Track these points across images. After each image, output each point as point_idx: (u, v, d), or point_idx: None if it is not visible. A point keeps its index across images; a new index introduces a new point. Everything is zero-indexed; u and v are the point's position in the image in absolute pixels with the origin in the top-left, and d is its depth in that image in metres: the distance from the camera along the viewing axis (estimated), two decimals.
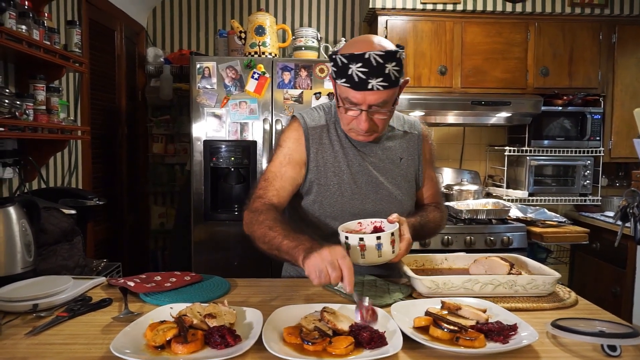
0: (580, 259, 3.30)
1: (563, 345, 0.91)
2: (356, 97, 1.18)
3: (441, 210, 1.45)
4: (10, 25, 1.51)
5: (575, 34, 3.05)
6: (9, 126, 1.54)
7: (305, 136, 1.33)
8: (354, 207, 1.32)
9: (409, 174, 1.40)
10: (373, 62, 1.13)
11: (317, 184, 1.33)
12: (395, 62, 1.16)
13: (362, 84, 1.15)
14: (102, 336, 0.93)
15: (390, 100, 1.21)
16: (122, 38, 2.93)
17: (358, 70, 1.14)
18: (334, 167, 1.33)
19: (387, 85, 1.16)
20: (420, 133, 1.44)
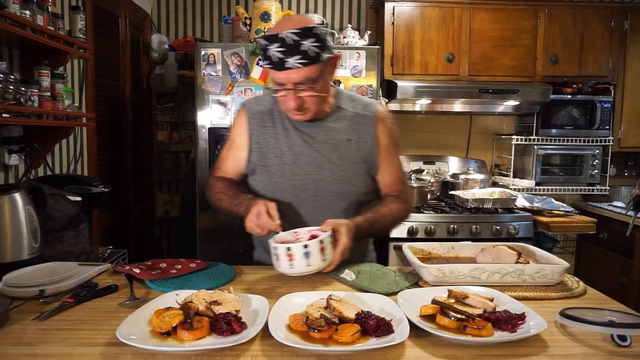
0: (587, 249, 3.28)
1: (572, 335, 0.90)
2: (280, 77, 1.21)
3: (402, 201, 1.42)
4: (14, 10, 1.50)
5: (587, 20, 2.99)
6: (14, 112, 1.53)
7: (248, 121, 1.40)
8: (295, 187, 1.34)
9: (358, 155, 1.37)
10: (288, 41, 1.15)
11: (259, 165, 1.37)
12: (313, 39, 1.16)
13: (281, 64, 1.17)
14: (108, 322, 0.93)
15: (314, 76, 1.21)
16: (126, 25, 2.91)
17: (276, 51, 1.16)
18: (275, 149, 1.36)
19: (307, 62, 1.17)
20: (374, 115, 1.39)
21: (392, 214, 1.37)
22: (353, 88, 2.57)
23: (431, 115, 3.40)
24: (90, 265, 1.27)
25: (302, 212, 1.35)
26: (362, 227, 1.27)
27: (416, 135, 3.43)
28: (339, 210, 1.35)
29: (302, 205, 1.35)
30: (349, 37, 2.78)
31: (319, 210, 1.34)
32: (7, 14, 1.45)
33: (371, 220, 1.31)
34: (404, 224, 2.57)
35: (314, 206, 1.35)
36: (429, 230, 2.57)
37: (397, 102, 3.04)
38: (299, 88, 1.22)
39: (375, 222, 1.32)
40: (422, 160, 3.32)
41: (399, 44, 2.94)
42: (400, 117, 3.37)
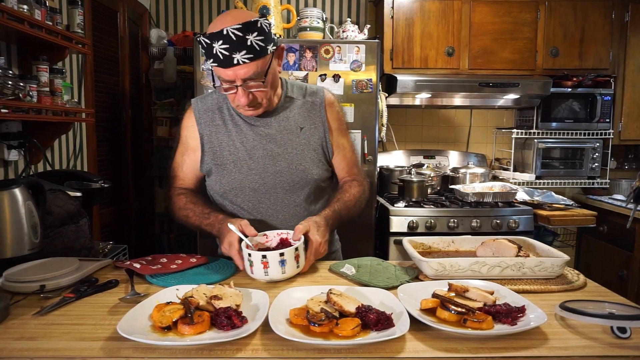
0: (587, 242, 3.28)
1: (572, 327, 0.90)
2: (227, 74, 1.19)
3: (359, 184, 1.44)
4: (11, 4, 1.49)
5: (587, 13, 2.98)
6: (12, 108, 1.53)
7: (197, 121, 1.38)
8: (253, 182, 1.34)
9: (312, 142, 1.37)
10: (232, 37, 1.14)
11: (214, 164, 1.36)
12: (256, 32, 1.16)
13: (228, 60, 1.16)
14: (108, 317, 0.93)
15: (262, 71, 1.20)
16: (125, 19, 2.89)
17: (221, 48, 1.15)
18: (229, 146, 1.35)
19: (253, 57, 1.17)
20: (322, 101, 1.40)
21: (355, 199, 1.39)
22: (353, 82, 2.56)
23: (431, 109, 3.39)
24: (91, 260, 1.28)
25: (264, 205, 1.35)
26: (332, 220, 1.30)
27: (416, 129, 3.43)
28: (300, 199, 1.36)
29: (262, 199, 1.35)
30: (349, 31, 2.77)
31: (280, 202, 1.35)
32: (4, 9, 1.44)
33: (337, 209, 1.33)
34: (404, 219, 2.57)
35: (275, 198, 1.35)
36: (429, 225, 2.57)
37: (397, 96, 3.03)
38: (249, 84, 1.21)
39: (342, 211, 1.34)
40: (422, 154, 3.32)
41: (399, 38, 2.93)
42: (400, 111, 3.37)
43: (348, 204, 1.37)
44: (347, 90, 2.57)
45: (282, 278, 1.14)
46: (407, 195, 2.74)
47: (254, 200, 1.35)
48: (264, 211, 1.36)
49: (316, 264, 1.31)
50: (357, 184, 1.43)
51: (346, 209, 1.36)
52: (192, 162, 1.41)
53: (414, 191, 2.74)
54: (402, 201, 2.71)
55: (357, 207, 1.41)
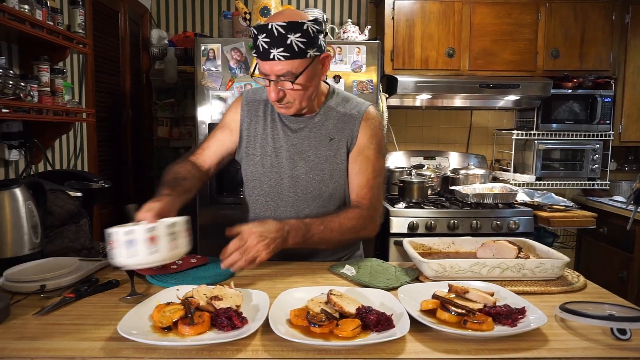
0: (587, 243, 3.28)
1: (572, 329, 0.90)
2: (264, 67, 1.21)
3: (360, 214, 1.30)
4: (12, 4, 1.49)
5: (587, 14, 2.98)
6: (13, 108, 1.53)
7: (242, 108, 1.41)
8: (271, 179, 1.35)
9: (338, 155, 1.34)
10: (275, 33, 1.16)
11: (245, 153, 1.39)
12: (300, 34, 1.16)
13: (265, 54, 1.18)
14: (109, 317, 0.93)
15: (297, 71, 1.20)
16: (125, 20, 2.89)
17: (263, 41, 1.17)
18: (262, 139, 1.37)
19: (289, 56, 1.17)
20: (360, 115, 1.35)
21: (340, 223, 1.26)
22: (353, 83, 2.56)
23: (431, 110, 3.39)
24: (91, 260, 1.28)
25: (275, 204, 1.36)
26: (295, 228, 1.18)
27: (416, 130, 3.43)
28: (309, 209, 1.34)
29: (276, 198, 1.35)
30: (349, 32, 2.77)
31: (290, 205, 1.35)
32: (5, 9, 1.44)
33: (308, 224, 1.22)
34: (404, 219, 2.57)
35: (287, 201, 1.35)
36: (429, 226, 2.57)
37: (398, 97, 3.03)
38: (281, 80, 1.21)
39: (314, 228, 1.22)
40: (423, 155, 3.32)
41: (399, 39, 2.93)
42: (401, 112, 3.37)
43: (329, 225, 1.24)
44: (348, 91, 2.55)
45: (150, 262, 0.99)
46: (408, 196, 2.74)
47: (267, 197, 1.36)
48: (274, 210, 1.36)
49: (316, 266, 1.31)
50: (358, 211, 1.30)
51: (323, 229, 1.23)
52: (220, 141, 1.41)
53: (414, 192, 2.74)
54: (402, 202, 2.71)
55: (345, 235, 1.27)
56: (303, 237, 1.20)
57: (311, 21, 1.18)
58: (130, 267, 0.99)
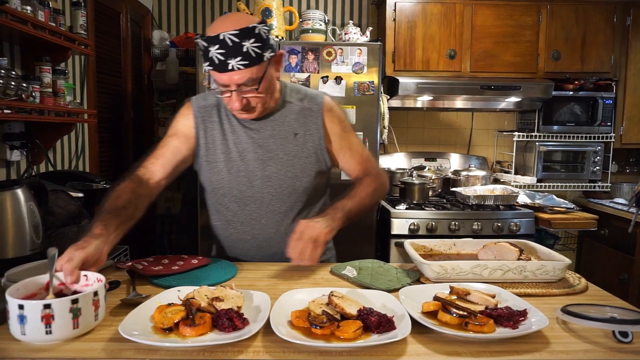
0: (588, 245, 3.28)
1: (573, 331, 0.90)
2: (222, 78, 1.19)
3: (374, 178, 1.40)
4: (15, 5, 1.50)
5: (589, 16, 2.98)
6: (15, 108, 1.53)
7: (195, 115, 1.37)
8: (241, 184, 1.34)
9: (306, 149, 1.35)
10: (229, 43, 1.14)
11: (206, 162, 1.36)
12: (254, 39, 1.15)
13: (223, 66, 1.16)
14: (110, 318, 0.93)
15: (257, 77, 1.19)
16: (127, 21, 2.90)
17: (217, 53, 1.15)
18: (222, 145, 1.35)
19: (248, 64, 1.16)
20: (320, 107, 1.37)
21: (369, 196, 1.36)
22: (354, 84, 2.57)
23: (433, 111, 3.39)
24: None
25: (249, 208, 1.35)
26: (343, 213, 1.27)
27: (417, 131, 3.43)
28: (285, 207, 1.35)
29: (248, 202, 1.35)
30: (351, 33, 2.78)
31: (265, 207, 1.35)
32: (8, 10, 1.45)
33: (348, 208, 1.29)
34: (405, 221, 2.57)
35: (260, 202, 1.35)
36: (430, 227, 2.57)
37: (399, 99, 3.04)
38: (243, 89, 1.20)
39: (353, 208, 1.30)
40: (424, 156, 3.32)
41: (401, 40, 2.94)
42: (402, 114, 3.37)
43: (362, 200, 1.34)
44: (349, 92, 2.57)
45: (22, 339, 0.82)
46: (409, 197, 2.74)
47: (240, 202, 1.35)
48: (248, 214, 1.36)
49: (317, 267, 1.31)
50: (371, 179, 1.39)
51: (358, 206, 1.32)
52: (177, 145, 1.35)
53: (415, 193, 2.74)
54: (403, 203, 2.71)
55: (374, 202, 1.40)
56: (346, 219, 1.27)
57: (260, 23, 1.17)
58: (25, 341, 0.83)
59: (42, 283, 0.92)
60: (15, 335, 0.81)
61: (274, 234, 1.36)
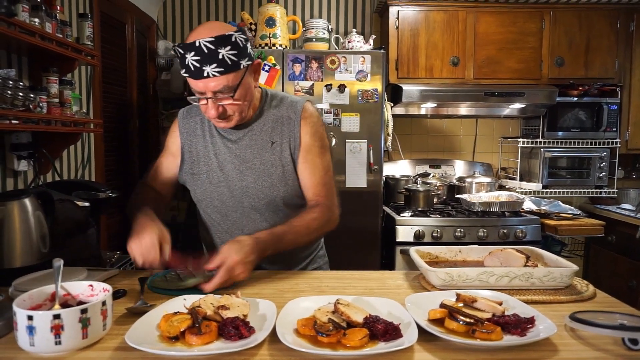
0: (595, 252, 3.25)
1: (582, 339, 0.89)
2: (198, 85, 1.19)
3: (322, 209, 1.31)
4: (23, 18, 1.52)
5: (592, 22, 2.98)
6: (23, 119, 1.54)
7: (180, 130, 1.41)
8: (222, 194, 1.34)
9: (283, 158, 1.32)
10: (204, 49, 1.14)
11: (190, 174, 1.39)
12: (230, 46, 1.15)
13: (198, 73, 1.16)
14: (116, 327, 0.93)
15: (233, 85, 1.19)
16: (133, 31, 2.93)
17: (192, 60, 1.15)
18: (205, 157, 1.37)
19: (224, 71, 1.16)
20: (298, 114, 1.33)
21: (307, 226, 1.28)
22: (358, 92, 2.57)
23: (437, 118, 3.40)
24: (99, 270, 1.28)
25: (230, 219, 1.36)
26: (265, 241, 1.20)
27: (422, 138, 3.43)
28: (264, 217, 1.34)
29: (229, 212, 1.35)
30: (354, 41, 2.79)
31: (246, 217, 1.35)
32: (16, 22, 1.47)
33: (278, 233, 1.24)
34: (410, 228, 2.56)
35: (241, 213, 1.35)
36: (435, 234, 2.56)
37: (403, 106, 3.04)
38: (219, 97, 1.20)
39: (285, 235, 1.25)
40: (428, 163, 3.32)
41: (404, 48, 2.95)
42: (406, 121, 3.37)
43: (297, 229, 1.27)
44: (353, 100, 2.58)
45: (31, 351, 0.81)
46: (413, 204, 2.74)
47: (221, 213, 1.36)
48: (230, 224, 1.37)
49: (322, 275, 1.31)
50: (319, 209, 1.31)
51: (293, 234, 1.26)
52: (167, 166, 1.44)
53: (420, 201, 2.73)
54: (408, 211, 2.70)
55: (313, 234, 1.32)
56: (275, 246, 1.22)
57: (237, 32, 1.18)
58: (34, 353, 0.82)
59: (47, 293, 0.92)
60: (24, 347, 0.81)
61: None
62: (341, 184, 2.61)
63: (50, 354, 0.82)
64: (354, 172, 2.61)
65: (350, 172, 2.61)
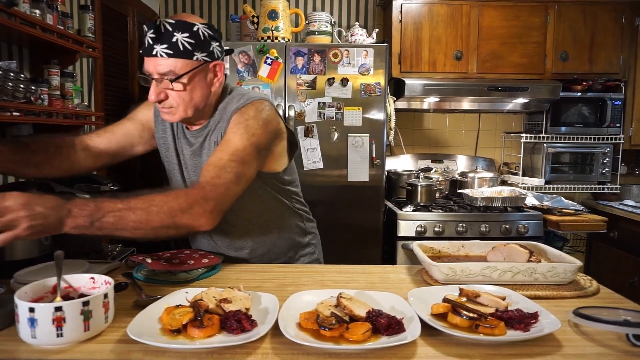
0: (597, 248, 3.24)
1: (586, 335, 0.89)
2: (148, 65, 1.16)
3: (187, 194, 1.06)
4: (24, 9, 1.51)
5: (597, 17, 2.96)
6: (24, 111, 1.54)
7: (155, 110, 1.37)
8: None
9: None
10: (162, 29, 1.13)
11: (166, 162, 1.40)
12: (188, 34, 1.14)
13: (149, 50, 1.14)
14: (118, 319, 0.93)
15: (181, 72, 1.15)
16: (134, 24, 2.91)
17: (149, 36, 1.14)
18: (173, 150, 1.36)
19: (172, 54, 1.13)
20: (235, 110, 1.22)
21: (146, 206, 0.99)
22: (361, 86, 2.56)
23: (439, 113, 3.38)
24: (100, 262, 1.28)
25: None
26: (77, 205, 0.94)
27: (424, 133, 3.42)
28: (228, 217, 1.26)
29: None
30: (357, 35, 2.77)
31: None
32: (17, 13, 1.46)
33: (102, 205, 0.96)
34: (412, 223, 2.55)
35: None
36: (437, 229, 2.56)
37: (405, 100, 3.03)
38: (162, 80, 1.15)
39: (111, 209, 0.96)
40: (430, 158, 3.30)
41: (407, 42, 2.93)
42: (408, 115, 3.36)
43: (133, 204, 0.99)
44: (355, 94, 2.56)
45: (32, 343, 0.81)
46: (415, 199, 2.73)
47: None
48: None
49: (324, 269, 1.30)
50: (185, 191, 1.08)
51: (119, 211, 0.97)
52: (129, 131, 1.36)
53: (422, 195, 2.73)
54: (410, 205, 2.70)
55: (153, 219, 1.00)
56: (90, 217, 0.93)
57: (203, 24, 1.16)
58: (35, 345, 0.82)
59: (49, 286, 0.92)
60: (25, 339, 0.81)
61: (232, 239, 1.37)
62: (343, 178, 2.61)
63: (51, 346, 0.81)
64: (356, 166, 2.61)
65: (352, 166, 2.60)
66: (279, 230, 1.40)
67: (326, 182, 2.60)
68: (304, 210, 1.49)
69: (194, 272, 1.20)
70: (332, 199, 2.60)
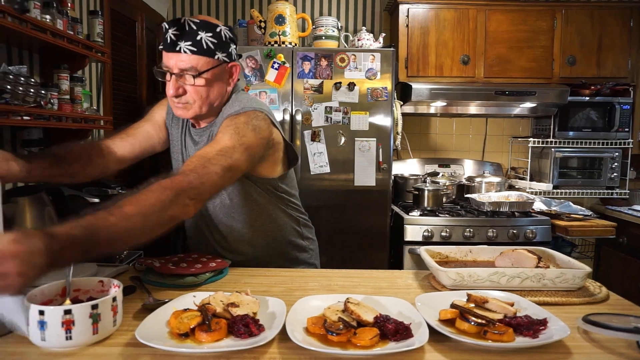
0: (606, 253, 3.21)
1: (595, 342, 0.88)
2: (168, 59, 1.19)
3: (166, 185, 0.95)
4: (34, 15, 1.53)
5: (604, 21, 2.94)
6: (34, 115, 1.56)
7: (168, 112, 1.43)
8: None
9: None
10: (186, 27, 1.16)
11: (174, 159, 1.44)
12: (212, 34, 1.18)
13: (172, 45, 1.17)
14: (126, 323, 0.93)
15: (202, 69, 1.18)
16: (142, 29, 2.94)
17: (172, 33, 1.17)
18: (179, 149, 1.40)
19: (196, 51, 1.17)
20: (226, 115, 1.22)
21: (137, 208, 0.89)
22: (368, 90, 2.56)
23: (446, 117, 3.37)
24: (109, 266, 1.29)
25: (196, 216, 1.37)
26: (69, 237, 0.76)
27: (431, 137, 3.41)
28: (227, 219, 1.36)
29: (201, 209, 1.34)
30: (364, 39, 2.78)
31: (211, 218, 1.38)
32: (28, 19, 1.47)
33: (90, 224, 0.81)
34: (419, 227, 2.54)
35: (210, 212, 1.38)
36: (444, 234, 2.54)
37: (412, 105, 3.03)
38: (183, 76, 1.19)
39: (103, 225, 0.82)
40: (437, 163, 3.30)
41: (414, 46, 2.93)
42: (415, 120, 3.36)
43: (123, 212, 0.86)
44: (362, 98, 2.57)
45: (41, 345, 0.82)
46: (422, 204, 2.72)
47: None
48: (195, 219, 1.41)
49: (332, 273, 1.30)
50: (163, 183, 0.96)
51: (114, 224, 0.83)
52: (149, 133, 1.39)
53: (429, 200, 2.72)
54: (417, 210, 2.69)
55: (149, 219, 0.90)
56: (85, 246, 0.78)
57: (225, 26, 1.21)
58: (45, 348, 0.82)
59: (58, 289, 0.93)
60: (35, 342, 0.81)
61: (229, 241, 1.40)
62: (350, 182, 2.61)
63: (61, 349, 0.82)
64: (363, 170, 2.61)
65: (359, 170, 2.60)
66: (275, 234, 1.42)
67: (333, 186, 2.60)
68: (301, 217, 1.50)
69: (202, 276, 1.20)
70: (339, 203, 2.60)
